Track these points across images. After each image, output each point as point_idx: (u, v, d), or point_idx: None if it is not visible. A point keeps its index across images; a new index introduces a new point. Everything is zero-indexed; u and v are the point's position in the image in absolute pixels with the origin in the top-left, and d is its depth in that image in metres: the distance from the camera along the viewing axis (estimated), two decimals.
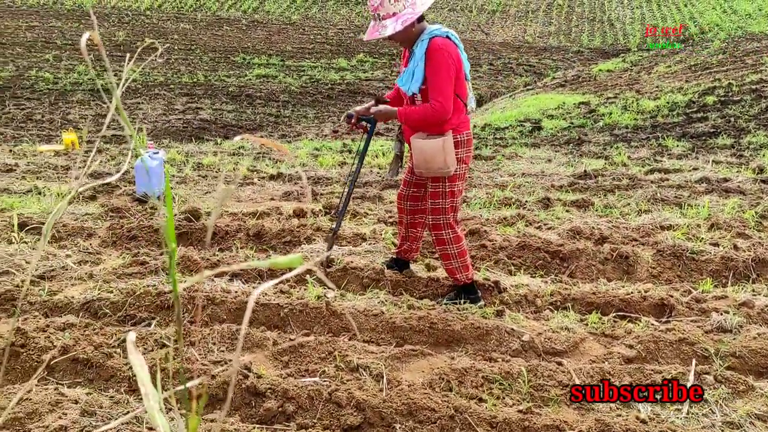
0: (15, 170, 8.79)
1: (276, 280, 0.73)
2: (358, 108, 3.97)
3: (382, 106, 3.82)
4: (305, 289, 3.97)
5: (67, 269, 4.24)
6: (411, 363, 3.16)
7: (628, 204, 6.35)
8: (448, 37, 3.56)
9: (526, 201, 6.54)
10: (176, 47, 25.61)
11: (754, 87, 15.16)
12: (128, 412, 2.63)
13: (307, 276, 4.19)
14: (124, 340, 3.19)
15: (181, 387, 0.88)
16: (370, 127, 4.01)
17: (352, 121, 3.96)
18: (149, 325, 3.52)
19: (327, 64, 24.93)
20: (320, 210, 5.84)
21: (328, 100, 20.18)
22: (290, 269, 0.83)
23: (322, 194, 7.06)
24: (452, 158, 3.57)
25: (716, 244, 4.63)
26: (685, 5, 34.88)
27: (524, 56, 27.85)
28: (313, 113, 18.73)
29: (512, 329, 3.41)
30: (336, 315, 3.57)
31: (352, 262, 4.36)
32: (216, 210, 0.68)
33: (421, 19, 3.56)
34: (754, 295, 3.87)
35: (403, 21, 3.42)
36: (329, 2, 37.26)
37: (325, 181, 8.11)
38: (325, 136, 15.43)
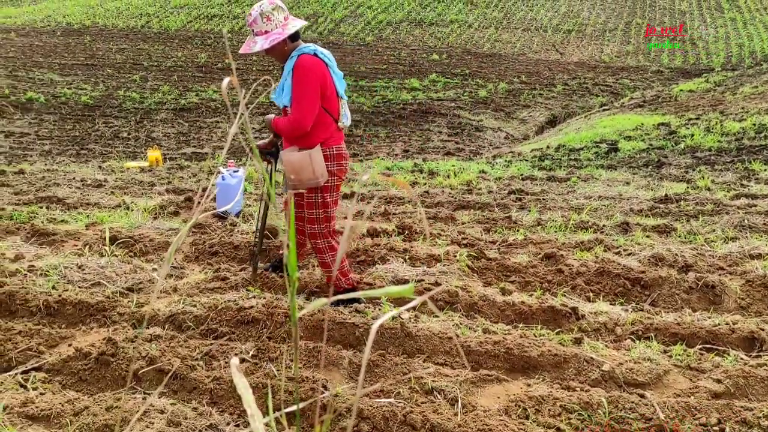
0: (104, 185, 9.27)
1: (397, 311, 0.75)
2: (260, 143, 4.34)
3: (267, 116, 4.14)
4: (380, 309, 4.00)
5: (153, 282, 4.43)
6: (486, 388, 3.13)
7: (713, 230, 6.10)
8: (315, 54, 3.83)
9: (604, 225, 6.38)
10: (254, 68, 26.47)
11: None
12: (211, 425, 2.71)
13: (382, 297, 4.22)
14: (207, 353, 3.30)
15: (293, 407, 0.91)
16: (273, 159, 4.36)
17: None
18: (230, 339, 3.62)
19: (399, 84, 25.18)
20: (393, 230, 5.88)
21: (399, 120, 20.35)
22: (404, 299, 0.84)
23: (394, 214, 7.11)
24: (321, 170, 3.82)
25: None
26: None
27: (600, 76, 27.29)
28: (384, 132, 18.93)
29: (591, 358, 3.32)
30: (411, 336, 3.58)
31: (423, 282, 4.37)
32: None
33: (295, 38, 3.90)
34: None
35: (271, 40, 3.75)
36: (402, 23, 37.69)
37: (397, 201, 8.17)
38: (396, 155, 15.54)
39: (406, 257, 4.97)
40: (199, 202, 4.58)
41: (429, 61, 29.70)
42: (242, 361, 3.31)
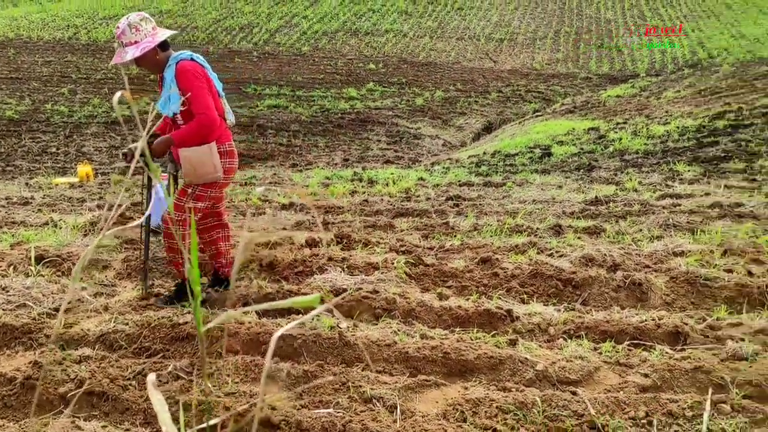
0: (31, 203, 8.92)
1: (296, 322, 0.76)
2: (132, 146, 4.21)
3: (158, 139, 4.04)
4: (318, 320, 3.98)
5: (83, 302, 4.29)
6: (425, 393, 3.16)
7: (641, 230, 6.34)
8: (192, 59, 3.98)
9: (538, 228, 6.54)
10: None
11: (765, 111, 15.15)
12: None
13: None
14: (140, 373, 3.22)
15: (204, 425, 0.90)
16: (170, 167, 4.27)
17: (128, 158, 4.23)
18: (164, 357, 3.54)
19: (337, 94, 25.21)
20: (332, 239, 5.87)
21: (338, 129, 20.36)
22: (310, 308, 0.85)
23: (333, 223, 7.10)
24: (219, 164, 3.96)
25: (730, 270, 4.61)
26: (693, 30, 35.06)
27: (533, 83, 28.03)
28: (323, 142, 18.90)
29: (526, 358, 3.40)
30: (349, 345, 3.58)
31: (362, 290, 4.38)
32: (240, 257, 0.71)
33: (165, 47, 4.03)
34: None
35: (142, 48, 3.87)
36: (338, 33, 37.80)
37: (336, 210, 8.16)
38: (336, 164, 15.54)
39: (345, 266, 4.97)
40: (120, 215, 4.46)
41: (366, 71, 29.86)
42: (177, 378, 3.24)
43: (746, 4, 39.47)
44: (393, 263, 5.03)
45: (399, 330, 3.84)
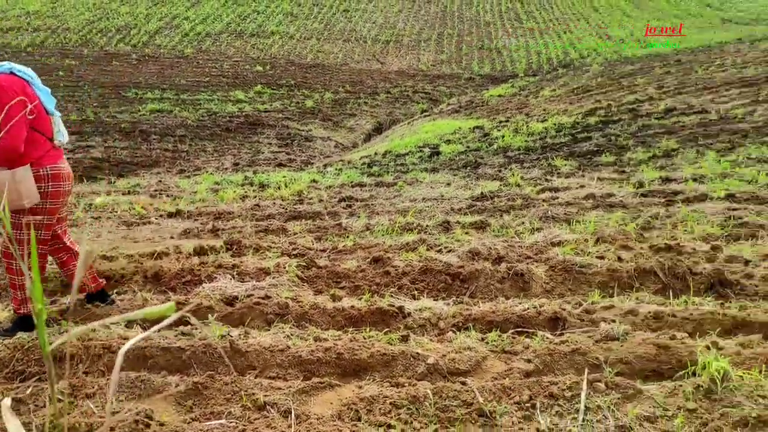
0: None
1: (146, 333, 0.74)
2: None
3: None
4: (197, 330, 3.88)
5: None
6: (319, 396, 3.16)
7: (523, 223, 6.65)
8: (12, 72, 3.66)
9: (427, 225, 6.71)
10: (62, 84, 24.53)
11: (631, 107, 16.31)
12: None
13: (210, 316, 4.11)
14: (13, 399, 3.00)
15: None
16: None
17: None
18: (40, 380, 3.33)
19: (224, 97, 24.64)
20: (221, 246, 5.74)
21: (227, 133, 19.90)
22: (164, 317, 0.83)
23: (223, 229, 6.94)
24: (29, 191, 3.65)
25: (602, 257, 4.93)
26: (565, 32, 37.15)
27: (419, 84, 28.67)
28: (212, 147, 18.40)
29: (417, 353, 3.48)
30: (241, 353, 3.51)
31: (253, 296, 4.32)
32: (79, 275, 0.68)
33: None
34: (638, 303, 4.14)
35: None
36: (222, 35, 36.93)
37: (226, 216, 7.98)
38: (226, 169, 15.19)
39: (235, 273, 4.88)
40: None
41: (253, 73, 29.38)
42: (59, 400, 3.05)
43: (611, 7, 42.32)
44: (285, 267, 4.99)
45: (292, 334, 3.81)
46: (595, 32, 36.55)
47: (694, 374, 3.14)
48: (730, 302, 4.13)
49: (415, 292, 4.55)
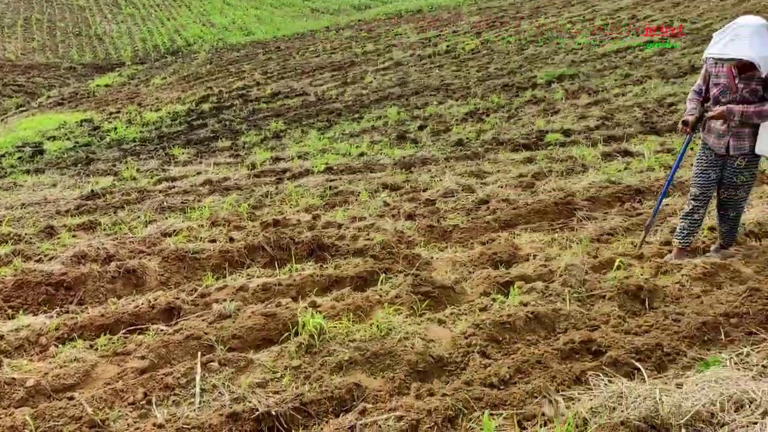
0: None
1: None
2: None
3: None
4: None
5: None
6: None
7: (138, 217, 6.41)
8: None
9: (26, 234, 5.98)
10: None
11: (240, 92, 16.93)
12: None
13: None
14: None
15: None
16: None
17: None
18: None
19: None
20: None
21: None
22: None
23: None
24: None
25: (214, 240, 5.05)
26: (168, 19, 36.52)
27: (9, 75, 25.17)
28: None
29: (13, 378, 3.09)
30: None
31: None
32: None
33: None
34: (249, 278, 4.36)
35: None
36: None
37: None
38: None
39: None
40: None
41: None
42: None
43: None
44: None
45: None
46: (198, 19, 36.64)
47: (297, 334, 3.44)
48: (328, 263, 4.64)
49: (10, 310, 4.03)
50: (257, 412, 2.76)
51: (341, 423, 2.77)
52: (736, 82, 4.02)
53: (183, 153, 11.25)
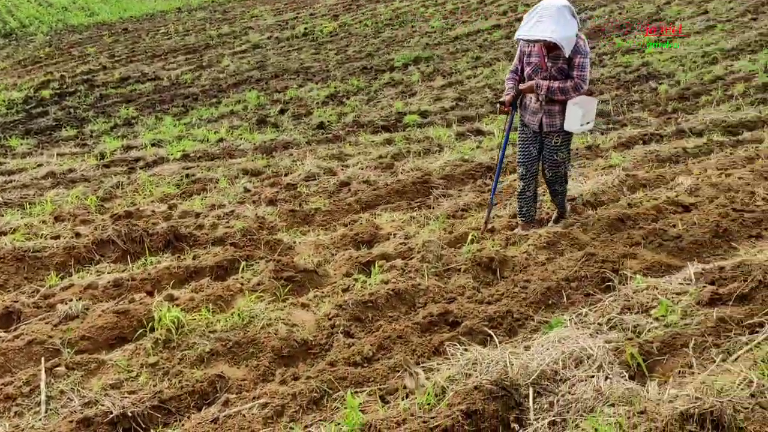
0: None
1: None
2: None
3: None
4: None
5: None
6: None
7: None
8: None
9: None
10: None
11: (85, 77, 15.78)
12: None
13: None
14: None
15: None
16: None
17: None
18: None
19: None
20: None
21: None
22: None
23: None
24: None
25: (58, 237, 4.70)
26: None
27: None
28: None
29: None
30: None
31: None
32: None
33: None
34: (99, 275, 4.11)
35: None
36: None
37: None
38: None
39: None
40: None
41: None
42: None
43: None
44: None
45: None
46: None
47: (153, 330, 3.30)
48: (186, 254, 4.47)
49: None
50: (111, 415, 2.62)
51: (203, 417, 2.70)
52: (546, 61, 4.31)
53: (21, 144, 10.33)
